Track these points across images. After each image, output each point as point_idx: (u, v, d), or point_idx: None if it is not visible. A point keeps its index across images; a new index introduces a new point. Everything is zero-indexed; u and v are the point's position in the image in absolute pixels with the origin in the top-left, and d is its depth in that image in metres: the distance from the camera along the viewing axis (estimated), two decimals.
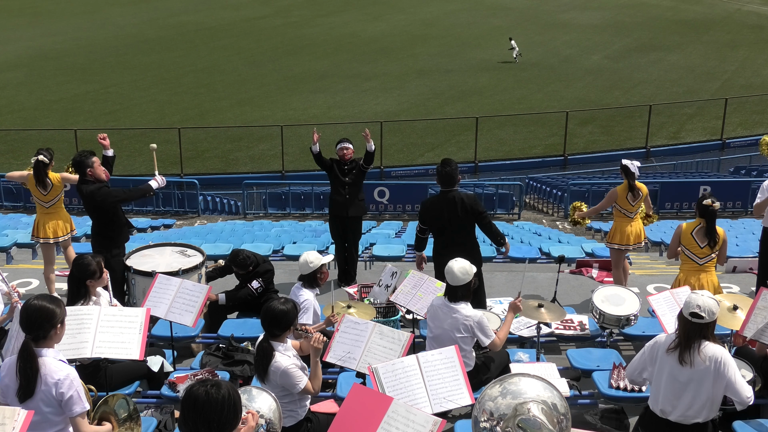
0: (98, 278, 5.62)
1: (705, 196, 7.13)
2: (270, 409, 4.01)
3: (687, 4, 56.57)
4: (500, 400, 2.95)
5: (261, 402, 4.02)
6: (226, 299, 7.57)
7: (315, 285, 6.48)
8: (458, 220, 7.32)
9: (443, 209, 7.35)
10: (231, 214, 19.31)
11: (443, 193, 7.43)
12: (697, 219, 7.20)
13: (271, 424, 3.95)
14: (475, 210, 7.35)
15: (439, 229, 7.52)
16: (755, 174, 20.76)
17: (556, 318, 6.28)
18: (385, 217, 17.72)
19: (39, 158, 8.29)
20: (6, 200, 18.79)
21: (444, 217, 7.36)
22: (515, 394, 2.95)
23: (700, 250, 7.04)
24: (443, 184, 7.42)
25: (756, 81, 35.31)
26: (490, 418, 2.94)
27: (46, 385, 4.02)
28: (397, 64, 39.19)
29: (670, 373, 4.45)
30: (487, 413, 2.96)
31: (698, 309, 4.37)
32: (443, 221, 7.39)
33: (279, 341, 4.84)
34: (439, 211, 7.39)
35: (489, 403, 2.97)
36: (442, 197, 7.43)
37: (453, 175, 7.37)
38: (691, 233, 7.11)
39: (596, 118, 29.09)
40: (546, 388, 2.98)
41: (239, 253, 7.65)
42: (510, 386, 3.00)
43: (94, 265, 5.59)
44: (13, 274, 9.59)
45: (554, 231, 15.45)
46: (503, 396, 2.97)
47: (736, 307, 5.82)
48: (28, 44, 45.03)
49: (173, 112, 31.35)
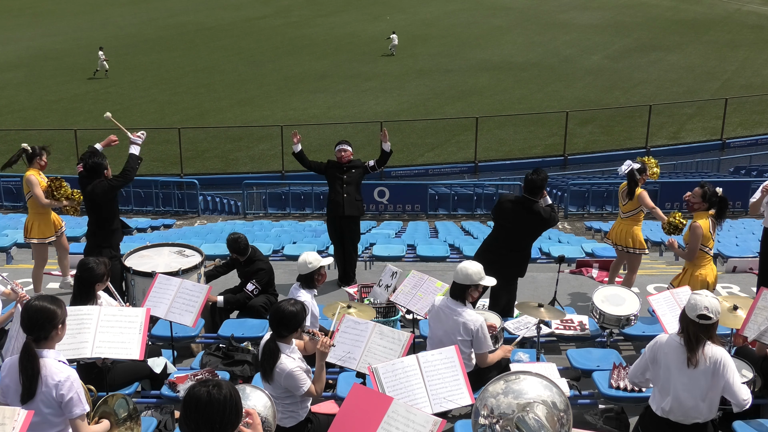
0: (106, 281, 5.65)
1: (709, 188, 7.04)
2: (265, 407, 4.01)
3: (687, 4, 56.57)
4: (502, 398, 2.96)
5: (255, 400, 4.02)
6: (224, 302, 7.57)
7: (313, 286, 6.47)
8: (523, 230, 7.35)
9: (515, 213, 7.33)
10: (231, 214, 19.31)
11: (524, 199, 7.35)
12: (705, 216, 7.08)
13: (266, 422, 3.94)
14: (547, 222, 7.39)
15: (496, 228, 7.56)
16: (755, 174, 20.77)
17: (556, 318, 6.28)
18: (385, 217, 17.71)
19: (23, 145, 8.40)
20: (6, 200, 18.79)
21: (510, 221, 7.36)
22: (517, 394, 2.95)
23: (713, 243, 7.19)
24: (527, 192, 7.33)
25: (756, 81, 35.32)
26: (490, 415, 2.95)
27: (47, 386, 4.01)
28: (397, 64, 39.19)
29: (672, 373, 4.45)
30: (487, 409, 2.97)
31: (706, 311, 4.37)
32: (509, 224, 7.39)
33: (286, 342, 4.84)
34: (511, 213, 7.37)
35: (491, 399, 2.98)
36: (522, 201, 7.37)
37: (536, 183, 7.25)
38: (709, 230, 7.10)
39: (596, 118, 29.09)
40: (546, 387, 2.99)
41: (238, 238, 7.66)
42: (513, 384, 3.00)
43: (103, 268, 5.61)
44: (13, 274, 9.58)
45: (554, 231, 15.44)
46: (505, 394, 2.97)
47: (736, 307, 5.82)
48: (28, 44, 45.04)
49: (173, 112, 31.35)
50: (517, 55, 40.88)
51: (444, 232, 14.35)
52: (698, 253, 7.07)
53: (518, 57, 40.48)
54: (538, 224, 7.37)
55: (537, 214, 7.24)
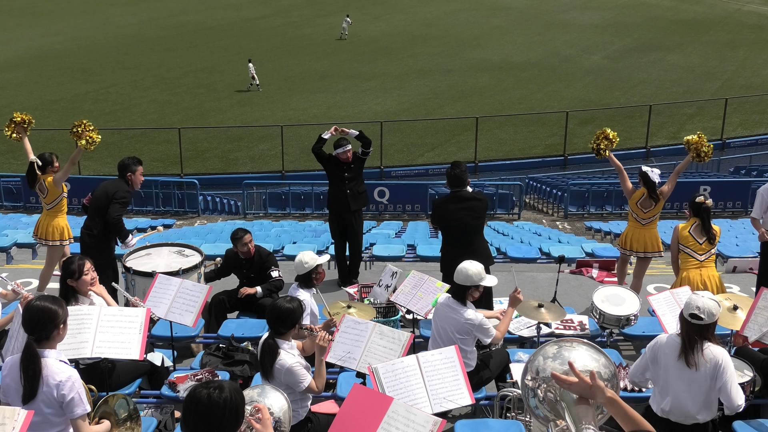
0: (77, 279, 5.55)
1: (696, 195, 7.31)
2: (280, 409, 4.00)
3: (687, 4, 56.58)
4: (550, 362, 2.93)
5: (272, 399, 4.01)
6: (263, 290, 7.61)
7: (311, 285, 6.48)
8: (475, 216, 7.44)
9: (458, 207, 7.43)
10: (231, 214, 19.31)
11: (454, 193, 7.50)
12: (691, 219, 7.35)
13: (279, 423, 3.94)
14: (487, 202, 7.55)
15: (449, 230, 7.58)
16: (755, 174, 20.78)
17: (556, 318, 6.28)
18: (385, 217, 17.71)
19: (31, 159, 8.37)
20: (6, 200, 18.79)
21: (453, 217, 7.44)
22: (564, 360, 2.92)
23: (699, 246, 7.22)
24: (453, 186, 7.51)
25: (756, 81, 35.32)
26: (535, 377, 2.93)
27: (48, 386, 4.01)
28: (397, 64, 39.20)
29: (672, 373, 4.46)
30: (534, 370, 2.94)
31: (697, 310, 4.38)
32: (452, 221, 7.46)
33: (284, 339, 4.85)
34: (454, 209, 7.45)
35: (540, 359, 2.96)
36: (453, 197, 7.51)
37: (462, 177, 7.47)
38: (688, 231, 7.29)
39: (596, 118, 29.09)
40: (594, 359, 2.95)
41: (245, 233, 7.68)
42: (564, 351, 2.96)
43: (75, 264, 5.55)
44: (13, 274, 9.58)
45: (554, 231, 15.46)
46: (554, 358, 2.94)
47: (736, 307, 5.82)
48: (28, 44, 45.03)
49: (173, 112, 31.35)
50: (517, 55, 40.88)
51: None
52: (681, 255, 7.36)
53: (518, 57, 40.48)
54: (479, 209, 7.46)
55: (472, 198, 7.43)
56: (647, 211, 8.22)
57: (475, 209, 7.45)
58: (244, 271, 7.82)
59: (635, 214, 8.30)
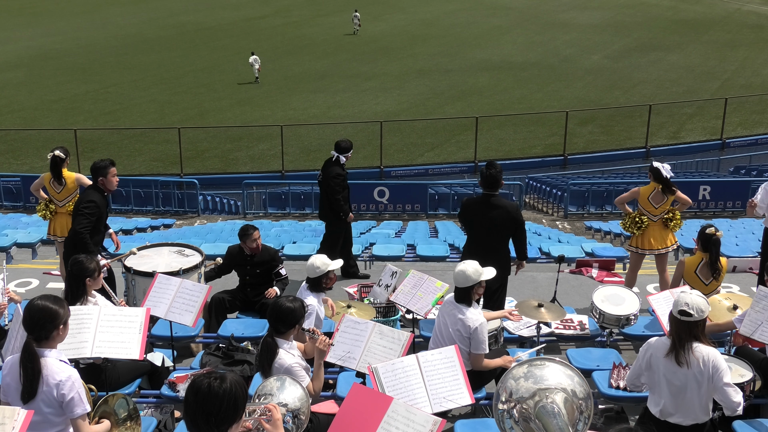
0: (97, 277, 5.62)
1: (706, 226, 6.96)
2: (300, 399, 4.01)
3: (687, 4, 56.59)
4: (522, 382, 2.92)
5: (288, 393, 4.02)
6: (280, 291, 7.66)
7: (320, 290, 6.46)
8: (496, 227, 7.20)
9: (482, 212, 7.25)
10: (231, 214, 19.31)
11: (485, 196, 7.30)
12: (698, 254, 7.00)
13: (297, 412, 3.96)
14: (517, 220, 7.25)
15: (470, 232, 7.48)
16: (755, 174, 20.77)
17: (556, 318, 6.28)
18: (385, 217, 17.71)
19: (55, 153, 8.35)
20: (6, 200, 18.79)
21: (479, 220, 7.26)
22: (538, 379, 2.91)
23: (705, 287, 6.83)
24: (486, 187, 7.29)
25: (756, 81, 35.33)
26: (509, 399, 2.91)
27: (48, 386, 4.01)
28: (397, 64, 39.20)
29: (665, 375, 4.46)
30: (506, 392, 2.93)
31: (686, 307, 4.37)
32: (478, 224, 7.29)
33: (284, 339, 4.84)
34: (478, 213, 7.28)
35: (511, 381, 2.94)
36: (483, 200, 7.31)
37: (497, 178, 7.22)
38: (694, 272, 6.94)
39: (596, 118, 29.10)
40: (568, 376, 2.93)
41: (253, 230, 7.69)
42: (535, 369, 2.95)
43: (94, 263, 5.60)
44: (13, 274, 9.59)
45: (554, 231, 15.45)
46: (526, 378, 2.93)
47: (736, 307, 5.82)
48: (28, 44, 45.03)
49: (173, 112, 31.35)
50: (517, 55, 40.88)
51: (444, 231, 14.35)
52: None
53: (518, 57, 40.48)
54: (506, 219, 7.22)
55: (502, 207, 7.21)
56: (659, 206, 8.14)
57: (499, 220, 7.16)
58: (248, 267, 7.77)
59: (646, 210, 8.21)
